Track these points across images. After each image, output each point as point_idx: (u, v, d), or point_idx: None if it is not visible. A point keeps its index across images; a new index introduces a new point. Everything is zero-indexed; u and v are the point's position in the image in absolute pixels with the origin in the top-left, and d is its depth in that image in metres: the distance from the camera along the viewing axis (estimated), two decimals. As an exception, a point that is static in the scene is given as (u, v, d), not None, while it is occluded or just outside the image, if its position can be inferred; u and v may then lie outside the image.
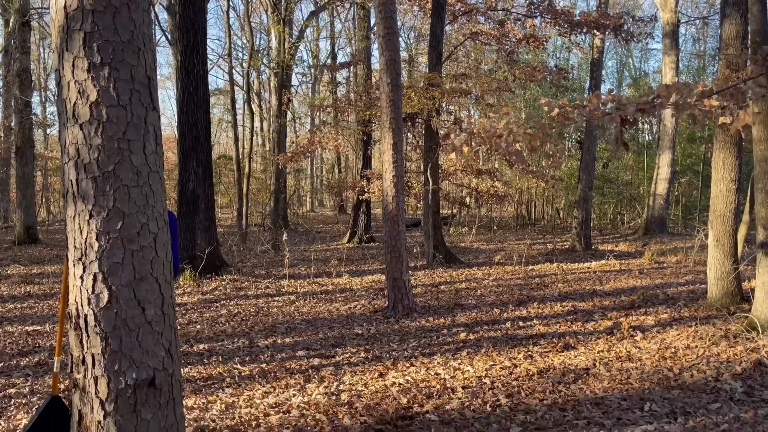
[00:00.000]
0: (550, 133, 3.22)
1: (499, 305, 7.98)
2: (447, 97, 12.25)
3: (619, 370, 5.00)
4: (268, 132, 28.79)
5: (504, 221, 23.66)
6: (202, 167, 10.45)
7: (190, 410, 4.14)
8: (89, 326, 2.26)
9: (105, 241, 2.24)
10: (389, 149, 7.57)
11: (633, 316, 7.02)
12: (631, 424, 3.80)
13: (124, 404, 2.26)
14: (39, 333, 6.60)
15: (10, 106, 18.60)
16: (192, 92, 10.36)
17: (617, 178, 22.59)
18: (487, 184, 15.07)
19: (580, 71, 24.96)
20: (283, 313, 7.71)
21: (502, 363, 5.29)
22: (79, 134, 2.25)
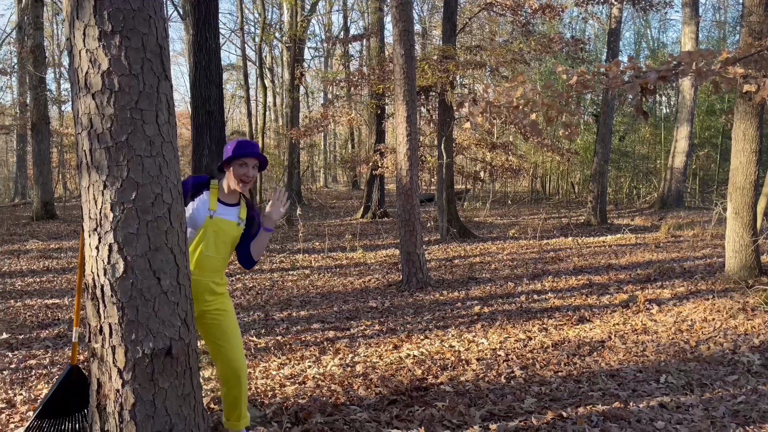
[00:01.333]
0: (567, 102, 3.16)
1: (513, 279, 7.96)
2: (461, 69, 12.07)
3: (635, 342, 4.98)
4: (281, 107, 28.71)
5: (518, 196, 23.51)
6: (215, 143, 10.44)
7: (207, 381, 4.19)
8: (106, 296, 2.27)
9: (119, 211, 2.24)
10: (403, 122, 7.50)
11: (649, 290, 6.97)
12: (646, 396, 3.79)
13: (142, 373, 2.28)
14: (58, 306, 6.71)
15: (25, 82, 18.69)
16: (204, 67, 10.30)
17: (634, 151, 22.30)
18: (501, 158, 14.95)
19: (597, 42, 24.51)
20: (297, 287, 7.75)
21: (517, 336, 5.29)
22: (92, 104, 2.23)
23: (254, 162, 2.84)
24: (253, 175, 2.84)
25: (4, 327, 5.80)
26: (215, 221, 2.80)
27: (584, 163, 20.96)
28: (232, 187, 2.85)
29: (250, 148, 2.83)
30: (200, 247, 2.79)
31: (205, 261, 2.81)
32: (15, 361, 4.77)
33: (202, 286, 2.81)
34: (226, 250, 2.88)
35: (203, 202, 2.81)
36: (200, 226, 2.78)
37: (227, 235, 2.85)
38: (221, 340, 2.88)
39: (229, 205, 2.88)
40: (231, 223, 2.85)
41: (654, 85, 3.23)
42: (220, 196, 2.87)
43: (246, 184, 2.84)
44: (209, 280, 2.84)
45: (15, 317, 6.21)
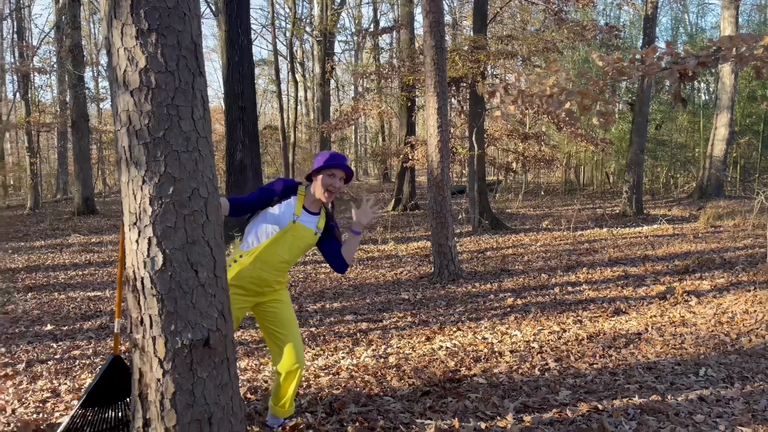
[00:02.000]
0: (601, 90, 3.10)
1: (546, 271, 7.88)
2: (492, 59, 11.95)
3: (673, 335, 4.89)
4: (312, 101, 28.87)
5: (551, 187, 23.20)
6: (248, 137, 10.58)
7: (243, 371, 4.27)
8: (146, 288, 2.33)
9: (158, 205, 2.29)
10: (434, 114, 7.48)
11: (687, 281, 6.82)
12: (685, 389, 3.72)
13: (181, 363, 2.33)
14: (99, 298, 6.90)
15: (65, 81, 19.18)
16: (237, 63, 10.43)
17: (671, 140, 21.77)
18: (534, 149, 14.76)
19: (632, 29, 23.94)
20: (330, 279, 7.82)
21: (551, 328, 5.25)
22: (130, 101, 2.29)
23: (342, 174, 2.95)
24: (339, 187, 2.94)
25: (49, 319, 6.00)
26: (297, 226, 2.91)
27: (619, 153, 20.56)
28: (317, 196, 2.95)
29: (340, 160, 2.94)
30: (275, 246, 2.89)
31: (275, 260, 2.91)
32: (59, 351, 4.94)
33: (265, 282, 2.94)
34: (298, 254, 2.99)
35: (290, 205, 2.93)
36: (283, 228, 2.89)
37: (303, 242, 2.95)
38: (280, 329, 2.99)
39: (311, 213, 2.99)
40: (309, 231, 2.96)
41: (693, 71, 3.15)
42: (305, 203, 2.98)
43: (331, 194, 2.94)
44: (274, 278, 2.96)
45: (59, 309, 6.42)
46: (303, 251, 3.00)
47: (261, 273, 2.90)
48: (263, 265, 2.90)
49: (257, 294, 2.96)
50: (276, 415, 3.12)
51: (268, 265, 2.91)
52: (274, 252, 2.90)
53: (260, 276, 2.91)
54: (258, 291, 2.95)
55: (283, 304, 3.03)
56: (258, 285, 2.93)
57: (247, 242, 2.95)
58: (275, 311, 3.01)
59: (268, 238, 2.90)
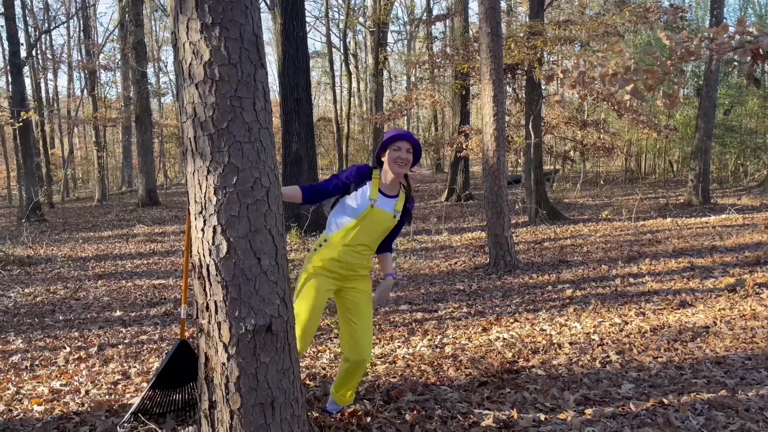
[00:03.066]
0: (669, 70, 2.98)
1: (607, 262, 7.67)
2: (549, 45, 11.67)
3: (743, 328, 4.68)
4: (365, 92, 28.97)
5: (611, 175, 22.54)
6: (304, 129, 10.72)
7: (302, 358, 4.35)
8: (211, 275, 2.40)
9: (222, 195, 2.35)
10: (489, 102, 7.37)
11: (758, 273, 6.51)
12: (756, 384, 3.56)
13: (245, 348, 2.40)
14: (164, 286, 7.17)
15: (128, 77, 19.93)
16: (292, 55, 10.57)
17: (740, 126, 20.74)
18: (593, 137, 14.35)
19: (698, 10, 22.90)
20: (385, 269, 7.85)
21: (612, 320, 5.11)
22: (195, 93, 2.35)
23: (407, 145, 2.90)
24: (407, 158, 2.88)
25: (118, 305, 6.28)
26: (374, 211, 2.90)
27: (684, 140, 19.74)
28: (390, 174, 2.92)
29: (399, 132, 2.94)
30: (354, 233, 2.92)
31: (355, 245, 2.94)
32: (128, 336, 5.16)
33: (349, 265, 2.97)
34: (378, 238, 2.99)
35: (365, 191, 2.93)
36: (360, 214, 2.90)
37: (381, 225, 2.95)
38: (355, 319, 3.02)
39: (388, 196, 2.96)
40: (387, 215, 2.94)
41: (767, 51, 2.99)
42: (381, 187, 2.96)
43: (401, 167, 2.89)
44: (357, 261, 2.98)
45: (126, 296, 6.71)
46: (383, 235, 3.00)
47: (344, 257, 2.94)
48: (345, 249, 2.93)
49: (342, 278, 2.99)
50: (336, 402, 3.19)
51: (349, 250, 2.94)
52: (354, 237, 2.92)
53: (343, 260, 2.94)
54: (343, 274, 2.98)
55: (364, 295, 3.05)
56: (342, 268, 2.96)
57: (330, 229, 3.00)
58: (355, 300, 3.03)
59: (347, 224, 2.92)
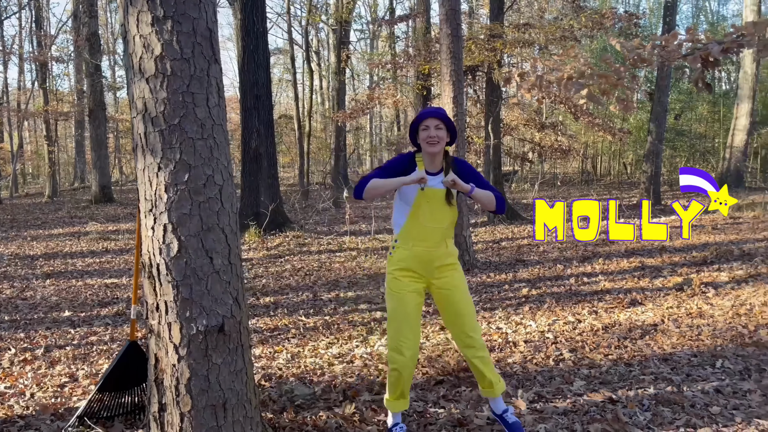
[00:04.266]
0: (623, 75, 3.05)
1: (562, 261, 7.83)
2: (509, 48, 11.83)
3: (690, 326, 4.84)
4: (327, 90, 28.82)
5: (568, 177, 23.01)
6: (264, 126, 10.60)
7: (258, 359, 4.30)
8: (161, 275, 2.35)
9: (173, 192, 2.30)
10: (449, 103, 7.42)
11: (705, 273, 6.74)
12: (701, 381, 3.69)
13: (196, 349, 2.35)
14: (117, 285, 6.98)
15: (82, 70, 19.34)
16: (252, 51, 10.43)
17: (690, 130, 21.45)
18: (550, 138, 14.63)
19: (651, 17, 23.58)
20: (345, 269, 7.84)
21: (566, 318, 5.22)
22: (146, 88, 2.30)
23: (435, 122, 2.85)
24: (437, 135, 2.83)
25: (67, 305, 6.09)
26: (427, 192, 2.84)
27: (637, 143, 20.30)
28: (427, 153, 2.89)
29: (424, 110, 2.90)
30: (417, 219, 2.86)
31: (425, 232, 2.87)
32: (77, 337, 5.01)
33: (428, 257, 2.89)
34: (445, 217, 2.90)
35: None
36: (414, 201, 2.85)
37: (441, 203, 2.88)
38: (452, 315, 2.95)
39: (434, 174, 2.91)
40: (441, 191, 2.87)
41: (716, 58, 3.09)
42: (426, 168, 2.91)
43: (434, 144, 2.84)
44: (434, 249, 2.89)
45: (76, 296, 6.50)
46: (450, 212, 2.91)
47: (418, 249, 2.87)
48: (416, 241, 2.87)
49: (426, 273, 2.91)
50: (489, 396, 3.01)
51: (420, 240, 2.87)
52: (419, 224, 2.87)
53: (417, 254, 2.87)
54: (426, 269, 2.90)
55: (456, 290, 2.94)
56: (421, 263, 2.89)
57: (396, 228, 2.95)
58: (447, 296, 2.94)
59: (407, 215, 2.88)
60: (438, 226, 2.88)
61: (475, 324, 2.96)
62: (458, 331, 2.94)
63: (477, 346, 2.92)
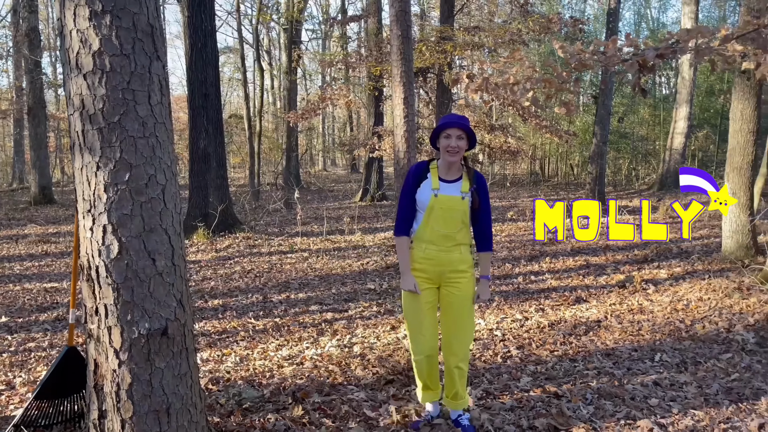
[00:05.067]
0: (565, 79, 3.14)
1: (511, 260, 7.98)
2: (459, 50, 11.98)
3: (631, 322, 5.01)
4: (278, 90, 28.56)
5: (517, 178, 23.48)
6: (212, 125, 10.40)
7: (205, 362, 4.22)
8: (101, 277, 2.28)
9: (113, 192, 2.23)
10: (400, 104, 7.46)
11: (646, 270, 7.00)
12: (641, 374, 3.82)
13: (138, 353, 2.29)
14: (56, 290, 6.72)
15: (21, 66, 18.55)
16: (200, 49, 10.22)
17: (632, 132, 22.21)
18: (500, 140, 14.89)
19: (596, 23, 24.31)
20: (296, 270, 7.77)
21: (513, 316, 5.32)
22: (83, 84, 2.22)
23: (458, 132, 2.88)
24: (458, 145, 2.87)
25: (3, 311, 5.82)
26: (440, 199, 2.92)
27: (583, 145, 20.88)
28: (446, 162, 2.92)
29: (449, 119, 2.92)
30: (429, 224, 2.94)
31: (437, 237, 2.95)
32: (14, 344, 4.80)
33: (439, 260, 2.96)
34: (456, 224, 2.95)
35: (427, 183, 2.96)
36: (427, 206, 2.92)
37: (454, 210, 2.93)
38: (450, 320, 3.01)
39: (450, 181, 2.96)
40: (455, 198, 2.93)
41: (652, 63, 3.21)
42: (441, 175, 2.97)
43: (453, 154, 2.88)
44: (445, 254, 2.96)
45: (14, 301, 6.23)
46: (461, 219, 2.96)
47: (429, 253, 2.96)
48: (428, 244, 2.96)
49: (437, 276, 2.98)
50: (449, 407, 3.11)
51: (432, 243, 2.95)
52: (432, 229, 2.94)
53: (430, 256, 2.96)
54: (436, 272, 2.97)
55: (459, 298, 2.99)
56: (433, 265, 2.97)
57: (412, 231, 3.03)
58: (449, 300, 3.00)
59: (422, 219, 2.96)
60: (450, 232, 2.95)
61: (468, 336, 3.04)
62: (449, 336, 3.02)
63: (461, 356, 3.00)
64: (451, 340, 3.01)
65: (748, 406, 3.30)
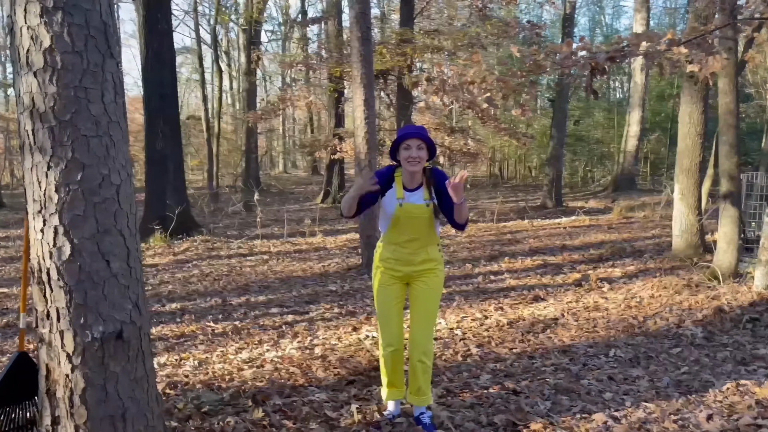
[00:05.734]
0: (521, 81, 3.21)
1: (471, 261, 8.08)
2: (419, 53, 12.09)
3: (587, 319, 5.14)
4: (237, 91, 28.23)
5: (477, 180, 23.79)
6: (169, 126, 10.23)
7: (162, 367, 4.14)
8: (52, 280, 2.21)
9: (65, 193, 2.18)
10: (361, 106, 7.48)
11: (601, 269, 7.19)
12: (596, 369, 3.93)
13: (92, 357, 2.23)
14: (6, 295, 6.50)
15: (-34, 65, 17.86)
16: (156, 49, 10.04)
17: (588, 136, 22.77)
18: (460, 143, 15.06)
19: (552, 28, 24.85)
20: (256, 273, 7.70)
21: (474, 315, 5.39)
22: (34, 82, 2.16)
23: (417, 143, 2.92)
24: (418, 155, 2.92)
25: (-51, 318, 5.59)
26: (405, 208, 2.99)
27: (541, 148, 21.31)
28: (407, 171, 2.98)
29: (407, 130, 2.98)
30: (396, 230, 3.05)
31: (402, 239, 3.05)
32: (-40, 352, 4.61)
33: (405, 263, 3.07)
34: (423, 228, 3.04)
35: (392, 192, 3.03)
36: (393, 215, 3.00)
37: (419, 218, 3.01)
38: (417, 313, 3.09)
39: (413, 190, 3.02)
40: (419, 206, 3.00)
41: (603, 65, 3.31)
42: (405, 184, 3.03)
43: (414, 164, 2.93)
44: (414, 256, 3.06)
45: (-40, 308, 5.99)
46: (427, 224, 3.03)
47: (397, 254, 3.07)
48: (397, 246, 3.07)
49: (405, 274, 3.09)
50: (413, 404, 3.14)
51: (399, 246, 3.06)
52: (398, 234, 3.04)
53: (397, 257, 3.07)
54: (403, 270, 3.08)
55: (427, 291, 3.08)
56: (400, 264, 3.08)
57: (381, 232, 3.15)
58: (416, 294, 3.10)
59: (389, 225, 3.06)
60: (416, 236, 3.04)
61: (431, 330, 3.12)
62: (416, 330, 3.08)
63: (425, 351, 3.05)
64: (416, 333, 3.07)
65: (697, 398, 3.43)
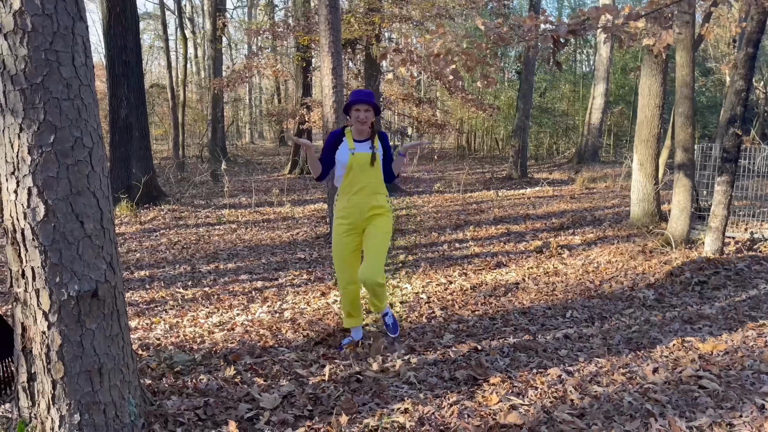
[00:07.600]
0: (485, 53, 3.31)
1: (437, 229, 8.25)
2: (387, 22, 12.05)
3: (546, 283, 5.36)
4: (202, 59, 27.66)
5: (444, 152, 23.95)
6: (134, 94, 10.05)
7: (134, 331, 4.21)
8: (27, 240, 2.26)
9: (38, 155, 2.22)
10: (329, 74, 7.48)
11: (562, 237, 7.43)
12: (553, 329, 4.14)
13: (68, 315, 2.30)
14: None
15: None
16: (119, 14, 9.80)
17: (554, 108, 23.08)
18: (427, 113, 15.15)
19: (521, 1, 24.89)
20: (224, 241, 7.74)
21: (438, 280, 5.57)
22: (4, 44, 2.18)
23: (366, 107, 3.54)
24: (366, 117, 3.55)
25: None
26: (357, 156, 3.57)
27: (507, 120, 21.53)
28: (357, 129, 3.58)
29: (358, 96, 3.55)
30: (351, 178, 3.58)
31: (357, 187, 3.59)
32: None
33: (360, 206, 3.61)
34: (373, 174, 3.61)
35: (344, 145, 3.60)
36: (347, 163, 3.55)
37: (368, 164, 3.57)
38: (367, 248, 3.56)
39: (362, 141, 3.62)
40: (367, 154, 3.57)
41: (564, 38, 3.43)
42: (355, 137, 3.62)
43: (363, 123, 3.56)
44: (365, 201, 3.61)
45: None
46: (375, 173, 3.60)
47: (352, 201, 3.60)
48: (351, 195, 3.60)
49: (359, 220, 3.62)
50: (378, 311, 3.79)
51: (354, 194, 3.59)
52: (354, 182, 3.58)
53: (352, 204, 3.61)
54: (358, 217, 3.62)
55: (378, 229, 3.59)
56: (355, 211, 3.61)
57: (336, 185, 3.69)
58: (369, 232, 3.61)
59: (343, 175, 3.60)
60: (367, 182, 3.60)
61: (382, 264, 3.55)
62: (368, 264, 3.49)
63: (378, 282, 3.48)
64: (368, 266, 3.48)
65: (645, 353, 3.66)
